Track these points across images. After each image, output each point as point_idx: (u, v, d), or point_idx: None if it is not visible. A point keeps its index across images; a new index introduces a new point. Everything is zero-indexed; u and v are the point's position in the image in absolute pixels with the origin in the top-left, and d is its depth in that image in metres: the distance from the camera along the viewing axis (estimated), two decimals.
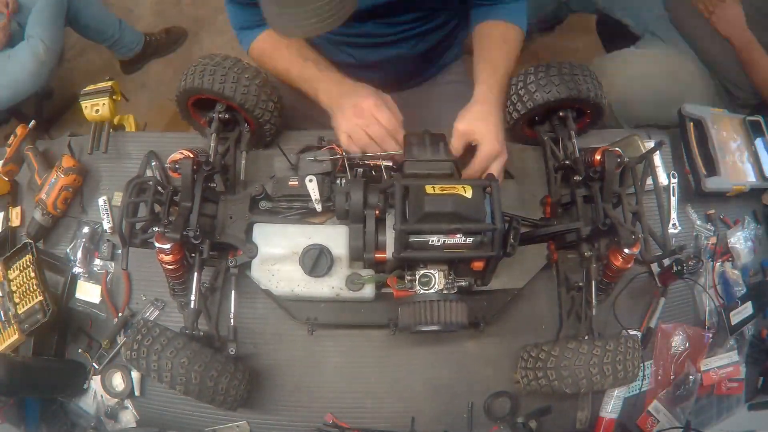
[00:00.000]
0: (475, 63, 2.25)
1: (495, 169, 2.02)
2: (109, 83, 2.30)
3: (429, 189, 1.64)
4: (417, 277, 1.72)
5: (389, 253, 1.73)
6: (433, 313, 1.67)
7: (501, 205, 1.65)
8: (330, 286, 1.91)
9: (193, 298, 1.86)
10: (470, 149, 2.02)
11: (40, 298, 2.07)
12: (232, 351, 1.92)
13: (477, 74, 2.18)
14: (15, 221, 2.34)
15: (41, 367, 2.06)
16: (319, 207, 1.95)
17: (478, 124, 2.02)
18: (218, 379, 1.74)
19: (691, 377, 2.13)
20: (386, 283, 1.80)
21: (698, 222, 2.34)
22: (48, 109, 4.58)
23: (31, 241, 2.18)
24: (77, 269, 2.24)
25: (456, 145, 2.02)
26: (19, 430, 2.07)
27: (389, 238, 1.76)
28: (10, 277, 2.17)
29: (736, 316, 2.20)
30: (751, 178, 2.35)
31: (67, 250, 2.27)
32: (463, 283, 1.76)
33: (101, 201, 2.29)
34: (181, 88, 2.05)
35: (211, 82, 1.98)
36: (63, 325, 2.20)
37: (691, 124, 2.37)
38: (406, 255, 1.65)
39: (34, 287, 2.10)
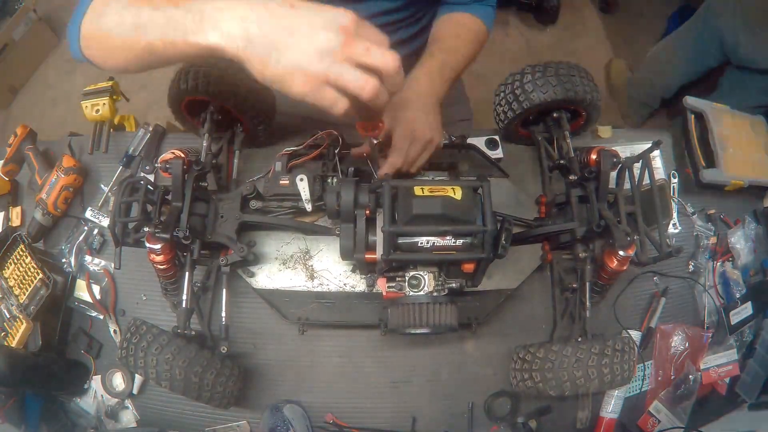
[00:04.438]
0: (429, 44, 2.19)
1: (426, 155, 2.00)
2: (110, 83, 2.32)
3: (417, 190, 1.63)
4: (406, 278, 1.72)
5: (379, 253, 1.72)
6: (422, 316, 1.66)
7: (492, 206, 1.64)
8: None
9: (184, 297, 1.86)
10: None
11: (41, 275, 2.12)
12: (223, 350, 1.91)
13: (425, 59, 2.11)
14: (15, 221, 2.35)
15: (43, 362, 2.06)
16: (309, 207, 1.96)
17: (418, 114, 1.96)
18: (203, 374, 1.74)
19: (691, 377, 2.13)
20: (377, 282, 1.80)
21: (698, 222, 2.33)
22: None
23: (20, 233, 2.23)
24: (76, 265, 2.26)
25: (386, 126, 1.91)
26: (19, 430, 2.07)
27: (379, 238, 1.74)
28: (6, 275, 2.21)
29: (736, 316, 2.20)
30: (751, 174, 2.34)
31: (64, 249, 2.29)
32: (454, 285, 1.75)
33: (88, 212, 2.32)
34: (174, 89, 2.05)
35: (205, 85, 1.98)
36: (64, 319, 2.22)
37: (693, 116, 2.39)
38: (394, 257, 1.64)
39: (33, 270, 2.14)
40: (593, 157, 1.88)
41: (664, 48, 4.29)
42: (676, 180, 2.36)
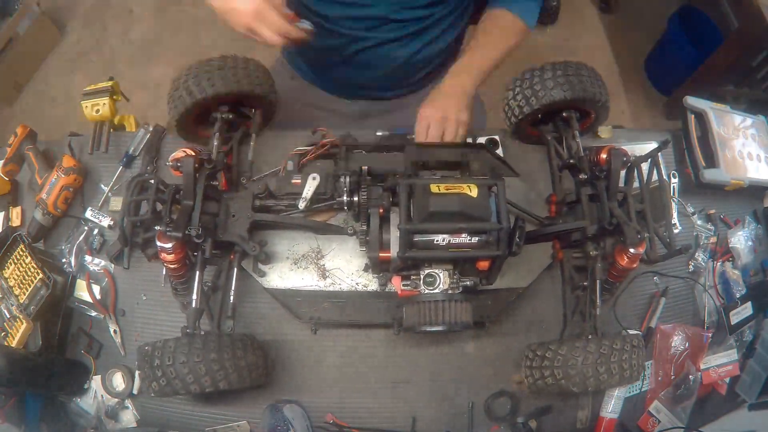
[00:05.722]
0: (471, 39, 2.40)
1: (449, 133, 2.23)
2: (110, 83, 2.31)
3: (434, 188, 1.65)
4: (422, 276, 1.73)
5: (394, 252, 1.72)
6: (437, 313, 1.67)
7: (506, 204, 1.66)
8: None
9: (194, 297, 1.86)
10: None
11: (41, 275, 2.10)
12: (229, 329, 1.94)
13: (465, 53, 2.36)
14: (15, 221, 2.34)
15: (43, 362, 2.05)
16: (302, 205, 1.97)
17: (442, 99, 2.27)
18: (246, 356, 1.78)
19: (691, 377, 2.13)
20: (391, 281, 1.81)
21: (699, 222, 2.35)
22: None
23: (20, 233, 2.22)
24: (76, 265, 2.24)
25: (418, 128, 2.24)
26: (19, 430, 2.06)
27: (393, 237, 1.75)
28: (6, 275, 2.20)
29: (736, 316, 2.20)
30: (751, 174, 2.36)
31: (64, 249, 2.27)
32: (468, 283, 1.77)
33: (88, 212, 2.30)
34: (192, 100, 2.03)
35: (235, 84, 2.03)
36: (64, 319, 2.20)
37: (693, 116, 2.39)
38: (410, 255, 1.65)
39: (33, 270, 2.13)
40: (603, 156, 1.89)
41: None
42: (676, 180, 2.37)
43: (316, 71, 2.67)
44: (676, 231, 2.30)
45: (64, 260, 2.25)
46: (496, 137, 2.31)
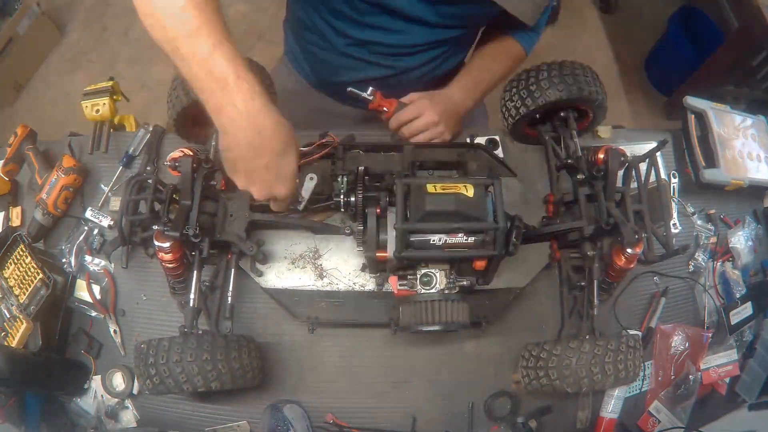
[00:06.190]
0: (470, 58, 2.44)
1: (425, 135, 2.26)
2: (110, 83, 2.31)
3: (430, 188, 1.65)
4: (418, 276, 1.73)
5: (390, 252, 1.72)
6: (434, 313, 1.67)
7: (503, 204, 1.66)
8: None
9: (192, 296, 1.86)
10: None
11: (41, 275, 2.11)
12: (227, 329, 1.94)
13: (463, 74, 2.38)
14: (15, 221, 2.33)
15: (43, 362, 2.05)
16: (301, 206, 1.96)
17: (438, 108, 2.26)
18: (241, 357, 1.78)
19: (691, 377, 2.12)
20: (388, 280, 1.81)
21: (699, 222, 2.34)
22: None
23: (20, 233, 2.22)
24: (76, 265, 2.25)
25: (405, 113, 2.24)
26: (19, 430, 2.06)
27: (390, 236, 1.75)
28: (6, 275, 2.20)
29: (736, 316, 2.20)
30: (751, 174, 2.35)
31: (64, 249, 2.27)
32: (465, 283, 1.77)
33: (88, 212, 2.30)
34: (189, 100, 2.01)
35: None
36: (64, 319, 2.21)
37: (693, 116, 2.39)
38: (406, 254, 1.66)
39: (33, 270, 2.14)
40: (600, 156, 1.88)
41: None
42: (676, 180, 2.36)
43: (321, 80, 2.64)
44: (676, 231, 2.29)
45: (64, 260, 2.24)
46: (496, 137, 2.32)
